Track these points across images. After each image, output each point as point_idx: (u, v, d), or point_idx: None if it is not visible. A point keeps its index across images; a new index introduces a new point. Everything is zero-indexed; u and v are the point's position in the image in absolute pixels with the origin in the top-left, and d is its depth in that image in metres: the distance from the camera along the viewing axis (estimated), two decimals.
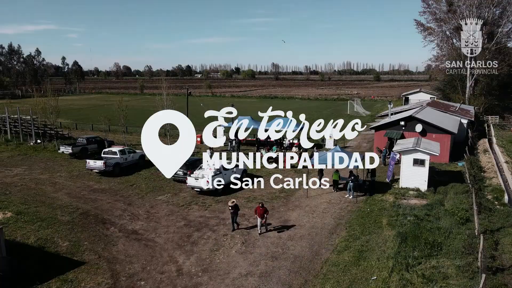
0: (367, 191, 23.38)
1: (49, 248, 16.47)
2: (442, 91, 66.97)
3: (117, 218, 19.96)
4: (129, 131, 47.85)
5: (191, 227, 18.69)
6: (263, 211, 17.36)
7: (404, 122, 32.30)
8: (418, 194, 22.58)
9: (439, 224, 17.67)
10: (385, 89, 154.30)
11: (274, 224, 18.93)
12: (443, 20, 63.12)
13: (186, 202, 22.25)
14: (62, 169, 30.25)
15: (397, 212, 19.64)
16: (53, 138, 39.38)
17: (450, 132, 30.89)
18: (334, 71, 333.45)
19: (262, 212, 17.35)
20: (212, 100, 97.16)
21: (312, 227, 18.55)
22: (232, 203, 17.77)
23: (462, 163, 29.50)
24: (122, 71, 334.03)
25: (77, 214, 20.50)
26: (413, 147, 23.19)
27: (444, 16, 63.08)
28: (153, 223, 19.26)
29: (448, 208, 19.50)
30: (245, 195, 23.42)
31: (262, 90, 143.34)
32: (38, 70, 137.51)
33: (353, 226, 18.46)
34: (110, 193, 24.13)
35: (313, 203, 21.98)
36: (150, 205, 21.89)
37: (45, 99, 37.50)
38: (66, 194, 23.95)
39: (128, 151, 30.17)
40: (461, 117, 38.76)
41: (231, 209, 17.80)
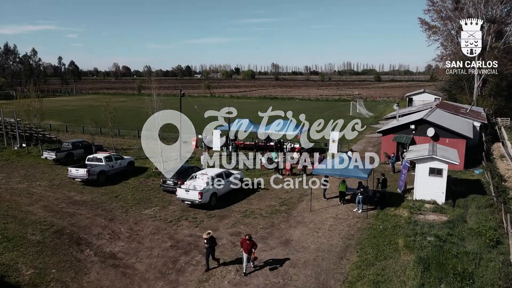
0: (378, 204, 20.92)
1: (10, 278, 14.01)
2: (448, 92, 64.46)
3: (95, 238, 17.50)
4: (121, 133, 45.50)
5: (178, 249, 16.24)
6: (250, 246, 13.91)
7: (414, 125, 29.84)
8: (435, 208, 20.11)
9: (465, 248, 15.20)
10: (387, 89, 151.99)
11: (274, 245, 16.48)
12: (449, 18, 60.82)
13: (175, 217, 19.79)
14: (43, 177, 27.78)
15: (414, 231, 17.18)
16: (39, 142, 36.95)
17: (465, 136, 28.43)
18: (334, 71, 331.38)
19: (250, 246, 13.93)
20: (210, 101, 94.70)
21: (318, 249, 16.09)
22: (207, 235, 14.30)
23: (479, 171, 27.05)
24: (121, 72, 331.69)
25: (50, 232, 18.03)
26: (429, 155, 20.73)
27: (449, 14, 60.80)
28: (135, 244, 16.81)
29: (473, 227, 17.03)
30: (241, 209, 20.96)
31: (261, 91, 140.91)
32: (34, 70, 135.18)
33: (365, 249, 16.00)
34: (92, 206, 21.67)
35: (317, 218, 19.52)
36: (134, 221, 19.43)
37: (28, 100, 35.01)
38: (42, 207, 21.48)
39: (115, 158, 27.70)
40: (473, 120, 36.30)
41: (206, 242, 14.26)
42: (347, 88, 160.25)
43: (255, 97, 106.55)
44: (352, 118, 56.88)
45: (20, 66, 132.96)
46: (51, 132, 43.99)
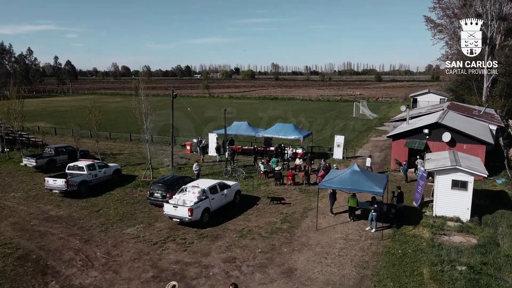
0: (394, 221, 18.31)
1: None
2: (454, 92, 61.77)
3: (65, 265, 14.89)
4: (112, 136, 42.91)
5: (161, 282, 13.63)
6: None
7: (428, 129, 27.25)
8: (460, 227, 17.50)
9: (507, 283, 12.61)
10: (388, 89, 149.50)
11: (274, 275, 13.88)
12: (456, 16, 58.25)
13: (161, 238, 17.19)
14: (19, 187, 25.18)
15: (440, 257, 14.58)
16: (21, 147, 34.34)
17: (484, 142, 25.85)
18: (334, 71, 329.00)
19: None
20: (209, 101, 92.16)
21: (327, 282, 13.48)
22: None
23: (502, 180, 24.47)
24: (121, 72, 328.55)
25: (13, 258, 15.44)
26: (452, 166, 18.13)
27: (456, 11, 58.25)
28: (111, 274, 14.20)
29: (510, 253, 14.46)
30: (238, 227, 18.37)
31: (261, 91, 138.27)
32: (30, 70, 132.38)
33: (383, 281, 13.40)
34: (67, 223, 19.07)
35: (325, 239, 16.91)
36: (113, 243, 16.82)
37: (8, 102, 32.40)
38: (11, 225, 18.88)
39: (99, 166, 25.09)
40: (489, 123, 33.68)
41: None
42: (348, 88, 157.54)
43: (254, 98, 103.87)
44: (356, 119, 54.06)
45: (15, 66, 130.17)
46: (37, 135, 41.36)
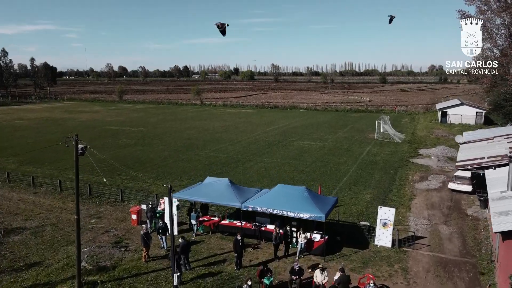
0: None
1: None
2: (502, 107, 49.03)
3: None
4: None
5: None
6: None
7: None
8: None
9: None
10: (398, 94, 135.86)
11: None
12: (507, 9, 46.18)
13: None
14: None
15: None
16: None
17: None
18: (335, 71, 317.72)
19: None
20: (198, 111, 79.24)
21: None
22: None
23: None
24: (116, 72, 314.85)
25: None
26: None
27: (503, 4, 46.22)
28: None
29: None
30: None
31: (260, 96, 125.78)
32: (3, 73, 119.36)
33: None
34: None
35: None
36: None
37: None
38: None
39: None
40: None
41: None
42: (353, 92, 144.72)
43: (251, 106, 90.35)
44: (380, 145, 41.23)
45: None
46: None
